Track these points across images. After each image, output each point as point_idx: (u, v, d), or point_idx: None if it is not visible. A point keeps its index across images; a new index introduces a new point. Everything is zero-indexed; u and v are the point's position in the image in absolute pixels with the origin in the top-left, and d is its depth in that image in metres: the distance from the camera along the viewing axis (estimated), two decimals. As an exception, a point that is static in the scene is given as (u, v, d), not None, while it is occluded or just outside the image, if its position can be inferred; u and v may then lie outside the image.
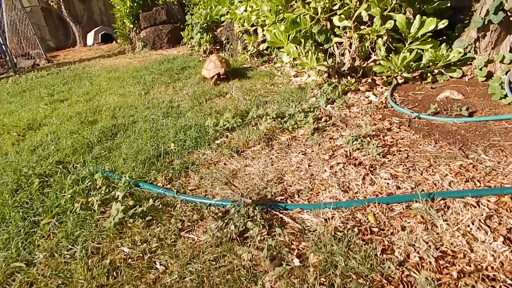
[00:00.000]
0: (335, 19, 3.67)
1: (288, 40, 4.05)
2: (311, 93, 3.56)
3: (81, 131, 3.24)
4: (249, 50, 5.02)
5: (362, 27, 3.66)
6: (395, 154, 2.26)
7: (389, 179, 1.97)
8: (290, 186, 2.05)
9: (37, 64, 9.21)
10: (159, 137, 2.92)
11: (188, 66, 5.50)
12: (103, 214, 2.01)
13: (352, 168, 2.14)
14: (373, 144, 2.33)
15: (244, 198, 1.82)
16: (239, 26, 5.10)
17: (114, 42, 10.97)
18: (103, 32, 11.86)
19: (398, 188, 1.90)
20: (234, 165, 2.38)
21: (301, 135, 2.71)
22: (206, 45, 5.90)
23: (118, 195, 2.08)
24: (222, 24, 5.89)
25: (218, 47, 6.03)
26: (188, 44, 6.68)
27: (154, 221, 1.87)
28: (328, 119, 2.96)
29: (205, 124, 2.99)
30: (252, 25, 4.81)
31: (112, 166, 2.54)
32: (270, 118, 2.94)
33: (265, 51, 4.83)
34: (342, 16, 3.63)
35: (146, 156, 2.57)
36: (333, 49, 3.81)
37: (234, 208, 1.82)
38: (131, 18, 8.66)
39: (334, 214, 1.74)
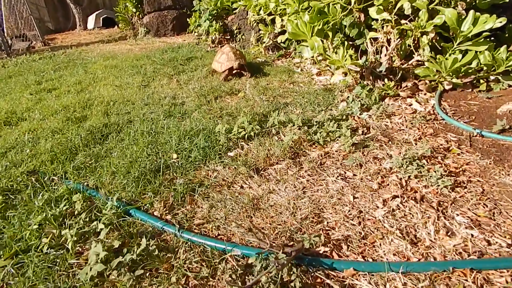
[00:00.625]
0: (372, 11, 3.10)
1: (312, 32, 3.49)
2: (340, 97, 3.02)
3: (65, 131, 2.70)
4: (264, 42, 4.45)
5: (403, 21, 3.10)
6: (466, 187, 1.73)
7: (471, 228, 1.44)
8: (333, 229, 1.52)
9: (33, 47, 8.62)
10: (158, 144, 2.38)
11: (195, 56, 4.94)
12: (79, 256, 1.47)
13: (414, 206, 1.60)
14: (435, 171, 1.80)
15: (274, 249, 1.30)
16: (253, 15, 4.53)
17: (116, 26, 10.35)
18: (105, 15, 11.22)
19: (488, 243, 1.36)
20: (254, 189, 1.84)
21: (336, 151, 2.17)
22: (215, 34, 5.32)
23: (101, 229, 1.54)
24: (234, 12, 5.32)
25: (228, 37, 5.45)
26: (195, 32, 6.11)
27: (148, 275, 1.34)
28: (366, 131, 2.42)
29: (216, 129, 2.45)
30: (270, 14, 4.24)
31: (98, 181, 2.00)
32: (295, 127, 2.40)
33: (282, 44, 4.27)
34: (381, 7, 3.07)
35: (142, 170, 2.03)
36: (366, 45, 3.25)
37: (261, 264, 1.29)
38: (134, 1, 8.06)
39: (405, 283, 1.21)
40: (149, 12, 7.87)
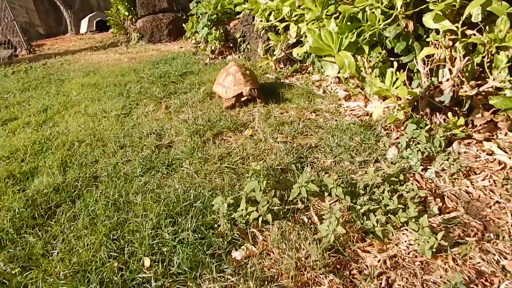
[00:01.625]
0: (428, 18, 2.26)
1: (340, 45, 2.65)
2: (386, 137, 2.18)
3: (-2, 199, 1.88)
4: (275, 55, 3.61)
5: (469, 31, 2.25)
6: None
7: None
8: None
9: (16, 55, 7.84)
10: (126, 231, 1.56)
11: (190, 71, 4.11)
12: None
13: None
14: None
15: None
16: (261, 21, 3.69)
17: (110, 30, 9.56)
18: (99, 18, 10.44)
19: None
20: None
21: (408, 254, 1.34)
22: (214, 43, 4.49)
23: None
24: (237, 17, 4.48)
25: (231, 45, 4.62)
26: (192, 39, 5.28)
27: None
28: (441, 206, 1.59)
29: (213, 203, 1.62)
30: (282, 20, 3.40)
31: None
32: (334, 202, 1.57)
33: (297, 57, 3.44)
34: (440, 13, 2.22)
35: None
36: (416, 63, 2.41)
37: None
38: (126, 3, 7.25)
39: None
40: (142, 16, 7.05)
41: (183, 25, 5.67)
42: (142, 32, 7.18)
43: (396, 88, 2.07)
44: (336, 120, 2.51)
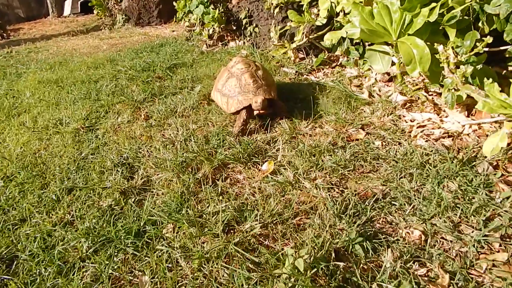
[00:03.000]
0: None
1: (404, 28, 1.74)
2: (503, 185, 1.30)
3: None
4: (295, 41, 2.68)
5: None
6: None
7: None
8: None
9: (-15, 41, 6.88)
10: None
11: (182, 62, 3.18)
12: None
13: None
14: None
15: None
16: (275, -5, 2.75)
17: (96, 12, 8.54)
18: (83, -1, 9.38)
19: None
20: None
21: None
22: (212, 25, 3.54)
23: None
24: (241, -9, 3.54)
25: (234, 28, 3.66)
26: (185, 21, 4.32)
27: None
28: None
29: None
30: (307, -7, 2.47)
31: None
32: None
33: (327, 44, 2.52)
34: None
35: None
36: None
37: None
38: (108, -20, 6.23)
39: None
40: (128, -6, 6.05)
41: (175, 3, 4.68)
42: (128, 14, 6.21)
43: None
44: (401, 144, 1.62)
